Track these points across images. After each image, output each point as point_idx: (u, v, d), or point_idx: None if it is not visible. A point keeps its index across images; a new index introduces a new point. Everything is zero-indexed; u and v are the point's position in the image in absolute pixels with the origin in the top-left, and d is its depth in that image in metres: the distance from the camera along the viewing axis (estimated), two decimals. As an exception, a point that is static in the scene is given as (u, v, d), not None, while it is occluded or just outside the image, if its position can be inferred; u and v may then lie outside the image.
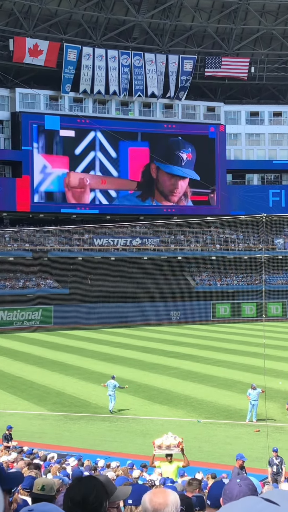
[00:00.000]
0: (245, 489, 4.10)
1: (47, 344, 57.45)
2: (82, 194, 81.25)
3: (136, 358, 48.29)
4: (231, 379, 39.34)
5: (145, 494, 3.26)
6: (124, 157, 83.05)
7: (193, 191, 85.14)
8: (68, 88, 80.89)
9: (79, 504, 3.04)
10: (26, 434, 27.36)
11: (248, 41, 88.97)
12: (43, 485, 6.72)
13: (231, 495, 4.10)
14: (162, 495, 3.24)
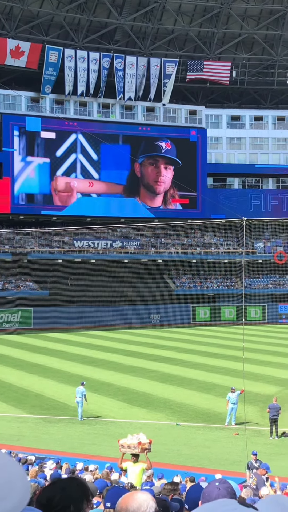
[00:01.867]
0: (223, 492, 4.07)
1: (26, 346, 57.22)
2: (66, 198, 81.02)
3: (116, 360, 48.22)
4: (210, 382, 39.38)
5: (120, 498, 3.24)
6: (105, 160, 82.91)
7: (177, 193, 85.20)
8: (48, 89, 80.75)
9: (43, 507, 3.00)
10: (4, 436, 27.20)
11: (230, 45, 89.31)
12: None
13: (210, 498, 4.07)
14: (133, 496, 3.22)
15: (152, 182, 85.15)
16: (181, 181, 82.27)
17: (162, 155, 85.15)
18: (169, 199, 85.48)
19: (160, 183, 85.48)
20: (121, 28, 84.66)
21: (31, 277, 77.36)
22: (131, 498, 3.19)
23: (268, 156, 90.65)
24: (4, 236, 77.46)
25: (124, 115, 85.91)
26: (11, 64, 78.46)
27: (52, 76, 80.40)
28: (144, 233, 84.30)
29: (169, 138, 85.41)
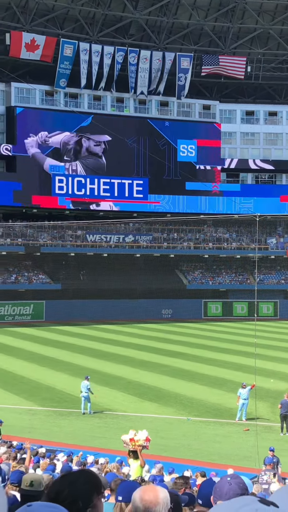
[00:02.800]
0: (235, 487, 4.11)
1: (38, 339, 57.41)
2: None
3: (127, 355, 48.31)
4: (221, 377, 39.40)
5: (135, 491, 3.26)
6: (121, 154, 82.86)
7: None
8: (63, 83, 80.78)
9: (52, 501, 3.04)
10: (15, 428, 27.34)
11: (245, 40, 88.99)
12: (32, 481, 6.70)
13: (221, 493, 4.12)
14: (153, 493, 3.24)
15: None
16: (198, 176, 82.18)
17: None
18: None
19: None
20: (136, 22, 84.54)
21: (43, 270, 77.56)
22: (150, 495, 3.22)
23: (282, 151, 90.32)
24: (17, 229, 77.67)
25: (138, 109, 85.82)
26: (26, 57, 78.52)
27: (67, 69, 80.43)
28: (157, 227, 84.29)
29: (182, 132, 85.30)
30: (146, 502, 3.16)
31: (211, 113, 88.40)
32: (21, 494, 6.85)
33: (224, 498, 4.01)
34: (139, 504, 3.16)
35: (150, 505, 3.16)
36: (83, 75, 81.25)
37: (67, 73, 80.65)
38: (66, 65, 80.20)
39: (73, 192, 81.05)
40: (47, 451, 21.24)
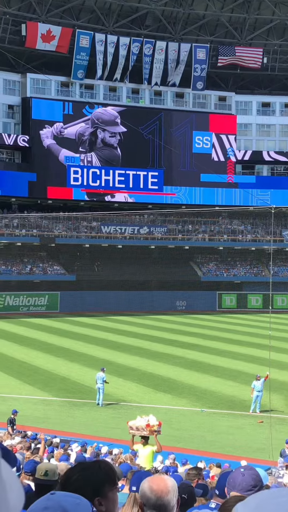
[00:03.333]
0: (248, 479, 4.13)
1: (52, 330, 57.60)
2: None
3: (141, 346, 48.39)
4: (235, 369, 39.40)
5: (143, 483, 3.27)
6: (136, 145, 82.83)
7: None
8: (81, 74, 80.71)
9: (61, 485, 3.06)
10: (30, 418, 27.50)
11: (261, 31, 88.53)
12: (46, 470, 6.74)
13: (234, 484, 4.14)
14: (162, 482, 3.24)
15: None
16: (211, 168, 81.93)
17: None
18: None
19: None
20: (152, 13, 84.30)
21: (58, 262, 77.75)
22: (160, 484, 3.23)
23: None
24: (32, 220, 77.88)
25: (154, 100, 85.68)
26: (42, 48, 78.53)
27: (84, 61, 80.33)
28: (172, 219, 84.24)
29: (197, 124, 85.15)
30: (157, 492, 3.18)
31: (226, 105, 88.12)
32: (36, 484, 6.89)
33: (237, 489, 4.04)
34: (150, 495, 3.17)
35: (162, 494, 3.17)
36: (99, 66, 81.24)
37: (84, 64, 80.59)
38: (82, 56, 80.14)
39: (88, 184, 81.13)
40: (61, 441, 21.37)
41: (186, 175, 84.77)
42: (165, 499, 3.16)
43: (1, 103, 78.96)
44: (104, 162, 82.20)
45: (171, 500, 3.17)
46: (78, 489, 2.95)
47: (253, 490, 4.07)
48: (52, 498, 2.26)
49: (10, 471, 1.79)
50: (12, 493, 1.74)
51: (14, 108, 79.94)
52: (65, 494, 2.30)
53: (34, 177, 78.03)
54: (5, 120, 79.55)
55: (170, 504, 3.16)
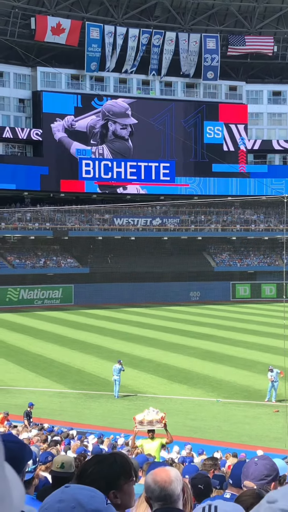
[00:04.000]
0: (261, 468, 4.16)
1: (67, 322, 57.77)
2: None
3: (156, 337, 48.45)
4: (250, 359, 39.40)
5: (147, 476, 3.32)
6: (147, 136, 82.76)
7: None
8: (94, 66, 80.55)
9: (77, 477, 3.09)
10: (46, 411, 27.64)
11: (271, 19, 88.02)
12: (63, 462, 6.78)
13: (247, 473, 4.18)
14: (165, 473, 3.29)
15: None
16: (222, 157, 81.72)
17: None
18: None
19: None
20: (161, 3, 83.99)
21: (71, 254, 77.90)
22: (163, 475, 3.28)
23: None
24: (45, 213, 78.03)
25: (164, 91, 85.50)
26: (52, 41, 78.46)
27: (96, 52, 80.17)
28: (184, 210, 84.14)
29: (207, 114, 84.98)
30: (160, 483, 3.23)
31: (237, 94, 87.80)
32: (52, 476, 6.94)
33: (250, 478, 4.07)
34: (154, 487, 3.22)
35: (165, 484, 3.22)
36: (108, 58, 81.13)
37: (97, 56, 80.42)
38: (94, 48, 80.00)
39: (100, 176, 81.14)
40: (77, 433, 21.47)
41: (197, 166, 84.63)
42: (169, 489, 3.21)
43: (12, 97, 79.06)
44: (116, 154, 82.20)
45: (175, 489, 3.22)
46: (93, 481, 2.98)
47: (266, 479, 4.10)
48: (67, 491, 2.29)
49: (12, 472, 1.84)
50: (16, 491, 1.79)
51: (25, 102, 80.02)
52: (79, 487, 2.33)
53: (46, 171, 78.14)
54: (16, 114, 79.66)
55: (175, 493, 3.21)
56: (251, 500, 3.65)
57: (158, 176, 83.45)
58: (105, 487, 3.02)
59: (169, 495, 3.20)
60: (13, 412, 25.91)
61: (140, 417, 15.97)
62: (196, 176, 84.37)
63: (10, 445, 3.78)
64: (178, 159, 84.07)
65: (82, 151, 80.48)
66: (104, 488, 2.96)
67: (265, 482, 4.06)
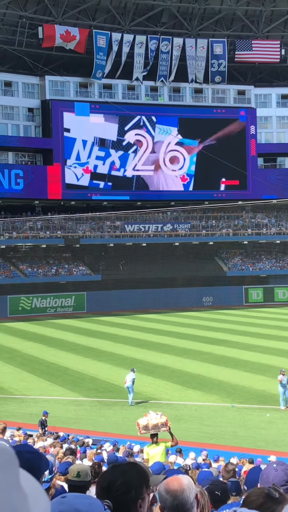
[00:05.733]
0: (281, 474, 4.13)
1: (80, 330, 57.80)
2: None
3: (169, 343, 48.38)
4: (265, 364, 39.25)
5: (160, 486, 3.30)
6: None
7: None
8: (100, 74, 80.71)
9: (104, 490, 3.05)
10: (61, 419, 27.62)
11: (278, 23, 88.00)
12: (78, 471, 6.78)
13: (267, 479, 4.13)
14: (176, 481, 3.28)
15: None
16: (231, 162, 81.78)
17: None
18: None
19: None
20: (168, 10, 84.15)
21: (83, 262, 77.98)
22: (174, 484, 3.26)
23: None
24: (56, 221, 78.18)
25: (173, 97, 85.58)
26: (62, 46, 78.47)
27: (103, 60, 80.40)
28: (195, 215, 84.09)
29: (218, 119, 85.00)
30: (172, 492, 3.21)
31: (246, 98, 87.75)
32: (69, 485, 6.93)
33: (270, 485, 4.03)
34: (166, 496, 3.21)
35: (177, 493, 3.21)
36: (116, 65, 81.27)
37: (103, 64, 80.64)
38: (101, 56, 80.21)
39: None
40: (93, 441, 21.44)
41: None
42: (181, 498, 3.19)
43: (21, 107, 79.33)
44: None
45: (187, 498, 3.20)
46: (124, 493, 2.98)
47: (286, 485, 4.06)
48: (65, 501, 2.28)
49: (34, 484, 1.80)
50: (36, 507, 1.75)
51: (34, 111, 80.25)
52: (76, 495, 2.32)
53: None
54: (26, 123, 79.91)
55: (188, 502, 3.19)
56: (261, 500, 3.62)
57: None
58: (134, 497, 3.01)
59: (181, 504, 3.18)
60: (27, 421, 25.92)
61: (144, 422, 15.69)
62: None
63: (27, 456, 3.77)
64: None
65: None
66: (132, 499, 2.96)
67: (286, 488, 4.02)
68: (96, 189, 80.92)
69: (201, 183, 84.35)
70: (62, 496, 2.36)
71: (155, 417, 15.74)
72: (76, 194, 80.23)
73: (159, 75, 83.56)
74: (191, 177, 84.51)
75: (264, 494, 3.70)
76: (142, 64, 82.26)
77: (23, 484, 1.71)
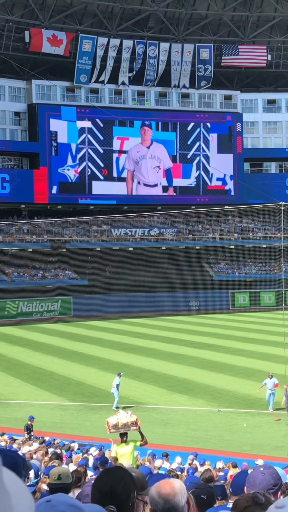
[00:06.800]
0: (268, 478, 4.14)
1: (66, 334, 57.70)
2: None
3: (155, 348, 48.39)
4: (251, 368, 39.34)
5: (151, 489, 3.31)
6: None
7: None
8: (84, 78, 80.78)
9: (107, 495, 3.05)
10: (47, 424, 27.55)
11: (264, 28, 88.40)
12: (59, 474, 6.84)
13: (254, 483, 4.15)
14: (168, 485, 3.29)
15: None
16: (218, 166, 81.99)
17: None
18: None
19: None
20: (155, 14, 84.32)
21: (70, 266, 77.87)
22: (167, 487, 3.27)
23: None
24: (42, 226, 78.03)
25: (159, 102, 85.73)
26: (50, 52, 78.44)
27: (87, 65, 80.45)
28: (181, 220, 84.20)
29: (205, 124, 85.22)
30: (164, 495, 3.22)
31: (232, 103, 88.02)
32: (50, 488, 6.96)
33: (258, 488, 4.04)
34: (158, 499, 3.22)
35: (169, 497, 3.21)
36: (103, 69, 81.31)
37: (87, 69, 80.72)
38: (85, 60, 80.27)
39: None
40: (79, 445, 21.39)
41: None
42: (173, 502, 3.20)
43: (8, 110, 79.18)
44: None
45: (179, 501, 3.21)
46: (125, 499, 3.01)
47: (273, 489, 4.07)
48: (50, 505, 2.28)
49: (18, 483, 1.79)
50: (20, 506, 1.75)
51: (20, 115, 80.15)
52: (58, 499, 2.31)
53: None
54: (12, 127, 79.78)
55: (179, 505, 3.20)
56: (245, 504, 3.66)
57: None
58: (131, 500, 3.08)
59: (173, 507, 3.18)
60: (13, 426, 25.82)
61: (113, 421, 15.59)
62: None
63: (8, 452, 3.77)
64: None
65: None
66: (128, 503, 2.99)
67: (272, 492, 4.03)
68: (83, 193, 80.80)
69: (188, 188, 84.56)
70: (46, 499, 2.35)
71: (125, 415, 15.66)
72: (62, 198, 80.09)
73: (146, 80, 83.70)
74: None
75: (250, 499, 3.73)
76: (127, 68, 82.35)
77: (6, 483, 1.71)
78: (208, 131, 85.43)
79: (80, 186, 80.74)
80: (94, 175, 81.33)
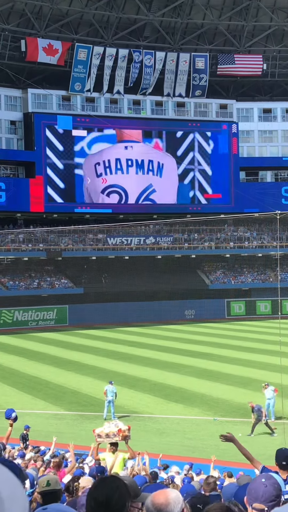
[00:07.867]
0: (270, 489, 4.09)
1: (62, 343, 57.58)
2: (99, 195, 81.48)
3: (151, 356, 48.30)
4: (247, 377, 39.27)
5: (147, 498, 3.32)
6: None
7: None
8: (78, 87, 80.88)
9: (102, 505, 3.04)
10: (42, 433, 27.43)
11: (260, 37, 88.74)
12: (48, 480, 6.99)
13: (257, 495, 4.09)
14: (163, 495, 3.30)
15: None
16: (213, 175, 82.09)
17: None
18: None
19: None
20: (150, 24, 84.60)
21: (65, 275, 77.79)
22: (161, 497, 3.29)
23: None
24: (38, 234, 78.00)
25: (155, 111, 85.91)
26: (47, 61, 78.63)
27: (82, 73, 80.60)
28: (177, 228, 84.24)
29: (200, 133, 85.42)
30: (157, 505, 3.23)
31: (228, 112, 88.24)
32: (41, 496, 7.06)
33: (260, 500, 4.00)
34: (152, 509, 3.25)
35: (161, 507, 3.23)
36: (99, 78, 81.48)
37: (82, 77, 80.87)
38: (80, 69, 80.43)
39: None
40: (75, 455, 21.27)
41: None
42: (165, 511, 3.22)
43: (3, 119, 79.27)
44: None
45: (171, 511, 3.22)
46: (121, 508, 3.01)
47: (275, 500, 4.03)
48: None
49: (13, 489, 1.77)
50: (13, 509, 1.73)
51: (16, 124, 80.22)
52: (54, 508, 2.30)
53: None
54: (8, 136, 79.84)
55: None
56: None
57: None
58: (126, 511, 3.07)
59: None
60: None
61: (98, 431, 15.71)
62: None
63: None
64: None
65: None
66: (126, 511, 3.01)
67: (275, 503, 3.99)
68: (79, 202, 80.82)
69: (184, 196, 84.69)
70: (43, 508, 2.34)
71: (108, 426, 15.72)
72: (58, 207, 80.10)
73: (142, 88, 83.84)
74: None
75: (224, 508, 3.74)
76: (123, 77, 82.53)
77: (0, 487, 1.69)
78: (204, 140, 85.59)
79: (76, 195, 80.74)
80: (90, 183, 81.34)
